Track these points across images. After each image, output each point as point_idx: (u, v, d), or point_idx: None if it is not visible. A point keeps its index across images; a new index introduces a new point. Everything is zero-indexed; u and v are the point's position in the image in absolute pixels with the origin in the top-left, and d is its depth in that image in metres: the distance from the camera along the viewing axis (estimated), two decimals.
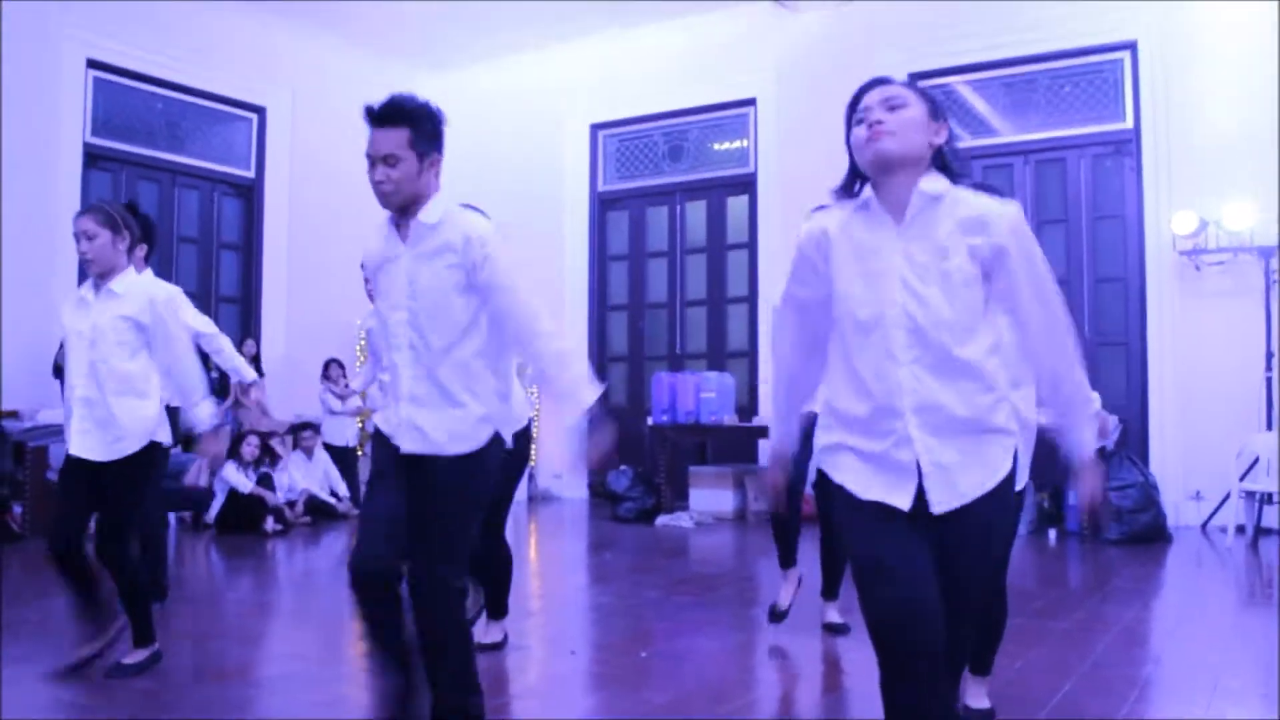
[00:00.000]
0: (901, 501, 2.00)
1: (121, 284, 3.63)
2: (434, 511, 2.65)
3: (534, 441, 9.06)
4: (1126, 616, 4.74)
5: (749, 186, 9.67)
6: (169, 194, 9.21)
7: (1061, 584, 5.81)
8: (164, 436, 3.70)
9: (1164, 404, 7.74)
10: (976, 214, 2.00)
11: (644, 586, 5.53)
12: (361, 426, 9.23)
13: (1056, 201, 8.39)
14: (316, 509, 8.39)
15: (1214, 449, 7.24)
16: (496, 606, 4.06)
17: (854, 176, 2.10)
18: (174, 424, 4.13)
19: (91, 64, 8.49)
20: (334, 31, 9.92)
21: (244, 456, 7.87)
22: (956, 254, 1.98)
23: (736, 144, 9.90)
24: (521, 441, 3.83)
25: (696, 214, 10.08)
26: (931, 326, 1.98)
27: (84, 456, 3.56)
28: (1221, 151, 7.55)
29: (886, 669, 1.97)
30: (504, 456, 2.82)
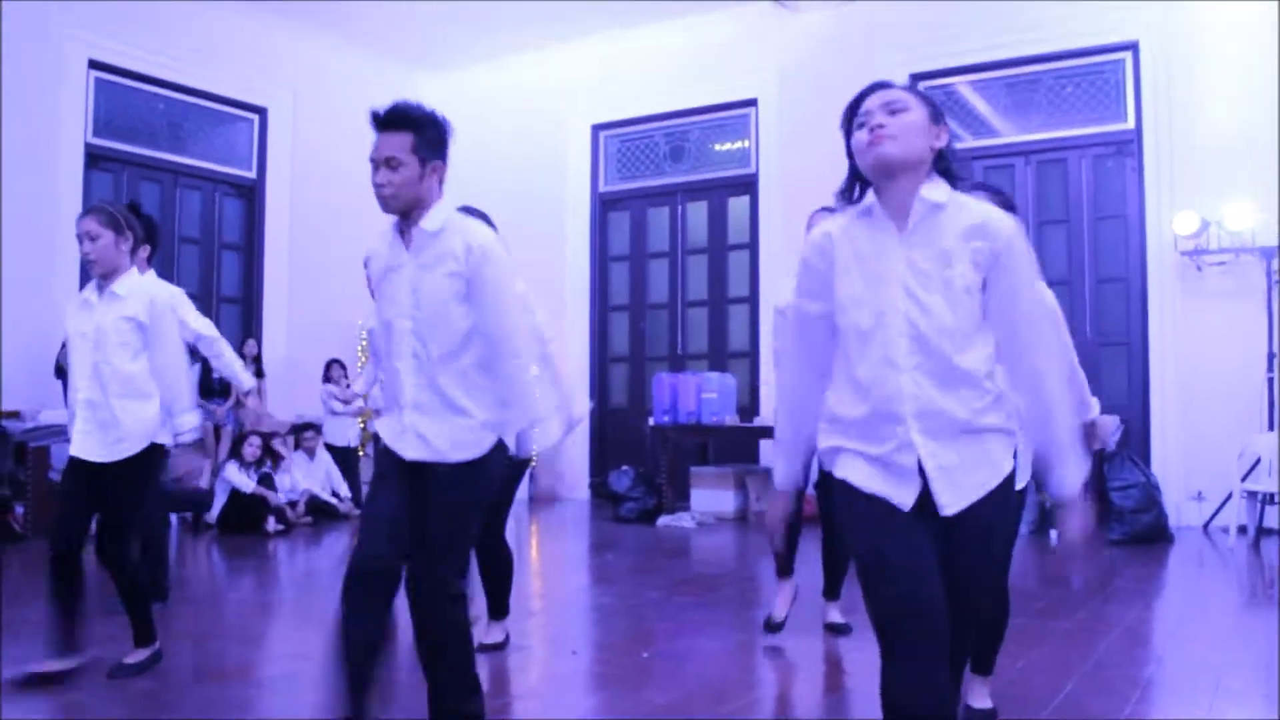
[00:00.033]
0: (905, 500, 2.00)
1: (124, 285, 3.63)
2: (436, 517, 2.65)
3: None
4: (1128, 617, 4.74)
5: (750, 187, 9.67)
6: (170, 194, 9.22)
7: (1063, 584, 5.80)
8: (164, 438, 3.70)
9: (1165, 404, 7.74)
10: (979, 220, 2.01)
11: (645, 587, 5.53)
12: (363, 427, 9.23)
13: (1058, 202, 8.38)
14: (318, 509, 8.39)
15: (1216, 449, 7.23)
16: (498, 607, 4.06)
17: (854, 180, 2.10)
18: None
19: (93, 64, 8.50)
20: (335, 32, 9.93)
21: (245, 457, 7.87)
22: (959, 261, 1.99)
23: (738, 144, 9.90)
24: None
25: (698, 214, 10.08)
26: (933, 334, 1.98)
27: (85, 458, 3.57)
28: (1223, 152, 7.55)
29: (888, 658, 1.97)
30: (506, 462, 2.83)
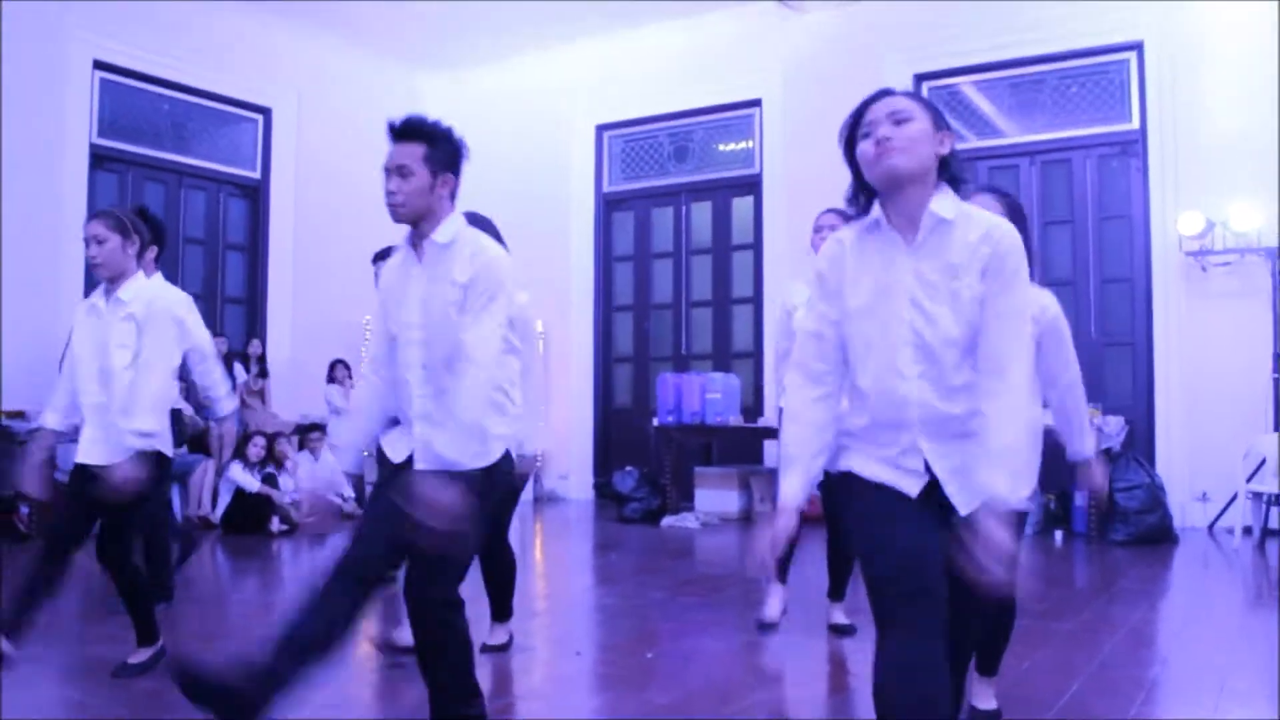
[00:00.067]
0: (911, 490, 2.03)
1: (129, 290, 3.63)
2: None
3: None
4: (1133, 618, 4.74)
5: (754, 187, 9.66)
6: (175, 195, 9.23)
7: (1068, 585, 5.79)
8: (165, 445, 3.68)
9: (1170, 405, 7.72)
10: (984, 231, 2.02)
11: (649, 587, 5.53)
12: None
13: (1062, 202, 8.37)
14: (321, 510, 8.39)
15: (1220, 450, 7.21)
16: (501, 609, 4.06)
17: (859, 188, 2.10)
18: (179, 428, 4.12)
19: (98, 65, 8.51)
20: (339, 33, 9.93)
21: (249, 457, 7.88)
22: (967, 273, 2.00)
23: (742, 145, 9.89)
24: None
25: (702, 215, 10.07)
26: (938, 343, 2.00)
27: (91, 463, 3.57)
28: (1228, 152, 7.53)
29: (883, 635, 1.96)
30: (512, 472, 2.84)
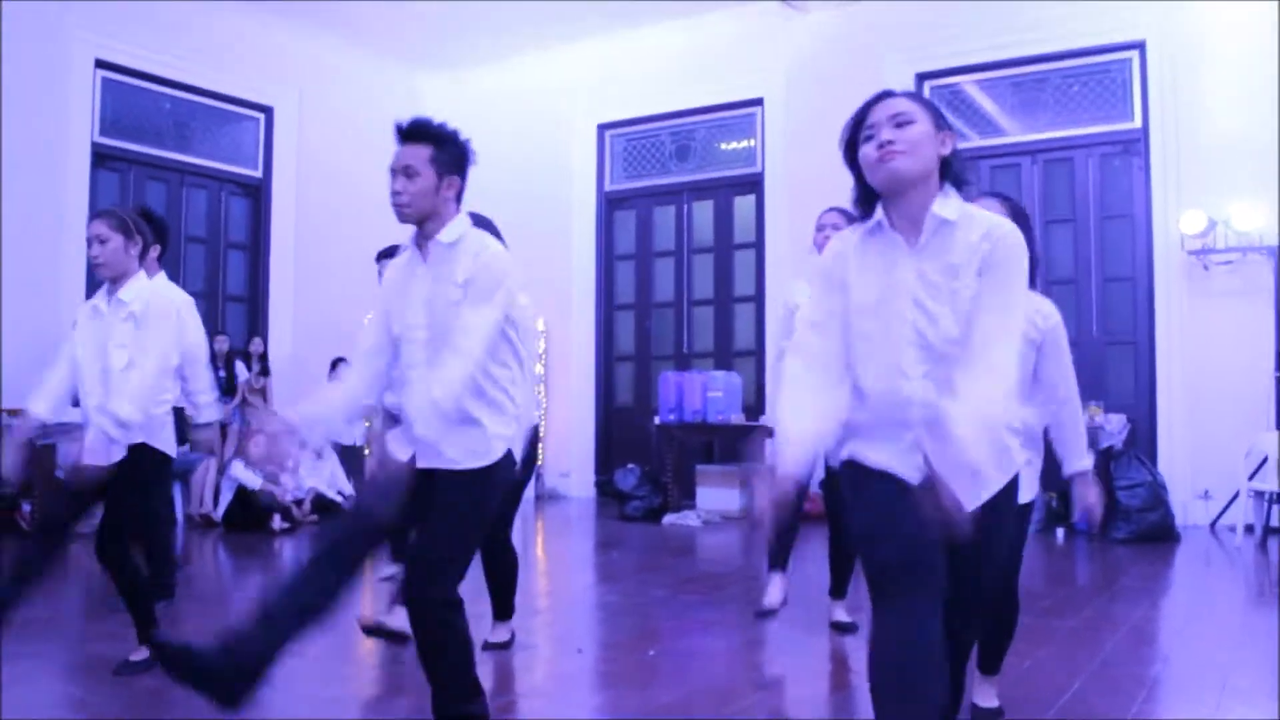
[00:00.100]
0: (913, 476, 2.04)
1: (130, 291, 3.63)
2: (437, 523, 2.66)
3: (541, 442, 9.08)
4: (1135, 615, 4.74)
5: (756, 186, 9.66)
6: (177, 194, 9.23)
7: (1070, 583, 5.79)
8: (165, 443, 3.69)
9: (1172, 403, 7.72)
10: (986, 229, 2.03)
11: (651, 585, 5.53)
12: (369, 426, 9.23)
13: (1064, 201, 8.37)
14: (323, 507, 8.39)
15: (1222, 448, 7.21)
16: (503, 607, 4.06)
17: (863, 189, 2.11)
18: (180, 427, 4.12)
19: (99, 64, 8.51)
20: (341, 32, 9.92)
21: (251, 455, 7.88)
22: (966, 274, 2.01)
23: (744, 144, 9.89)
24: (529, 442, 3.82)
25: (704, 213, 10.07)
26: (940, 343, 2.01)
27: (95, 464, 3.57)
28: (1230, 151, 7.52)
29: (880, 609, 1.97)
30: (513, 472, 2.84)
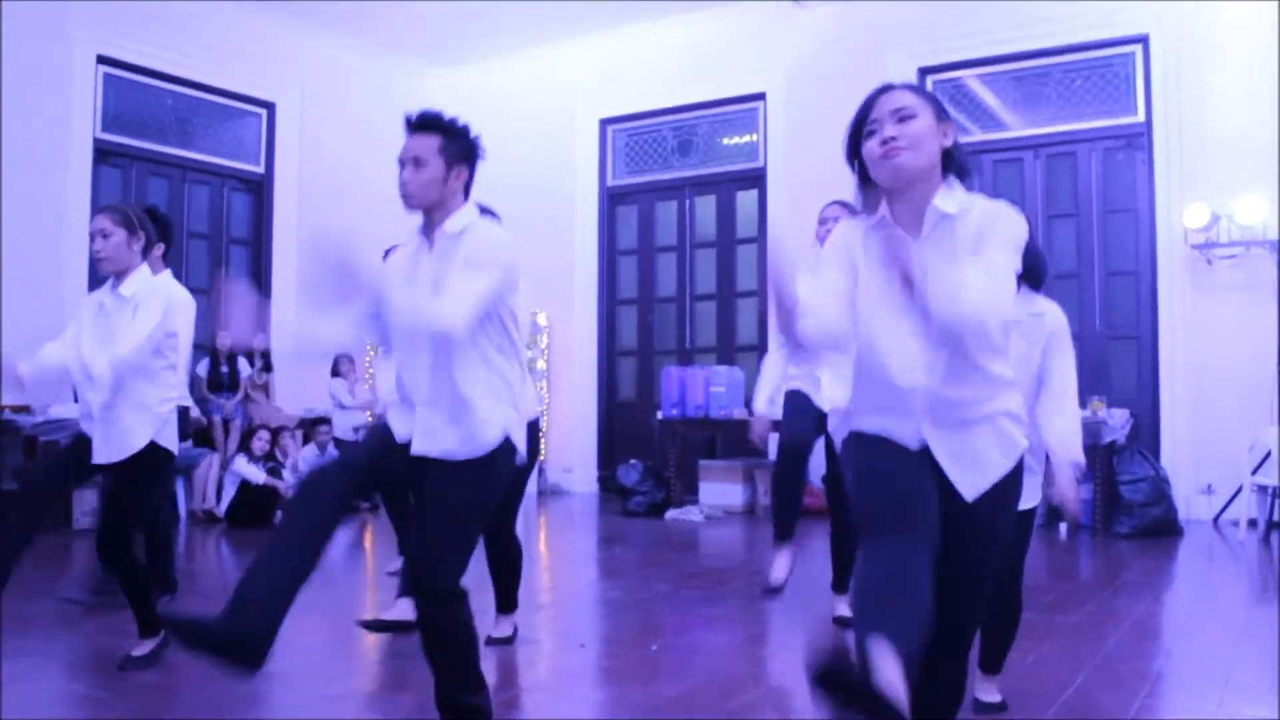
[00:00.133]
0: (911, 443, 2.05)
1: (131, 286, 3.63)
2: (439, 514, 2.64)
3: (543, 435, 9.08)
4: (1137, 610, 4.73)
5: (758, 181, 9.65)
6: (179, 190, 9.24)
7: (1072, 578, 5.79)
8: (168, 441, 3.69)
9: (1175, 398, 7.71)
10: (982, 215, 2.03)
11: (654, 580, 5.53)
12: (369, 421, 9.23)
13: (1067, 195, 8.36)
14: None
15: (1225, 442, 7.20)
16: (506, 601, 4.06)
17: (865, 184, 2.11)
18: (183, 424, 4.12)
19: (102, 60, 8.51)
20: (343, 28, 9.92)
21: (254, 451, 7.90)
22: (966, 260, 2.00)
23: (746, 138, 9.88)
24: (531, 436, 3.82)
25: (706, 208, 10.07)
26: (943, 335, 2.01)
27: (98, 462, 3.58)
28: (1233, 145, 7.51)
29: (866, 545, 1.96)
30: (515, 464, 2.82)
